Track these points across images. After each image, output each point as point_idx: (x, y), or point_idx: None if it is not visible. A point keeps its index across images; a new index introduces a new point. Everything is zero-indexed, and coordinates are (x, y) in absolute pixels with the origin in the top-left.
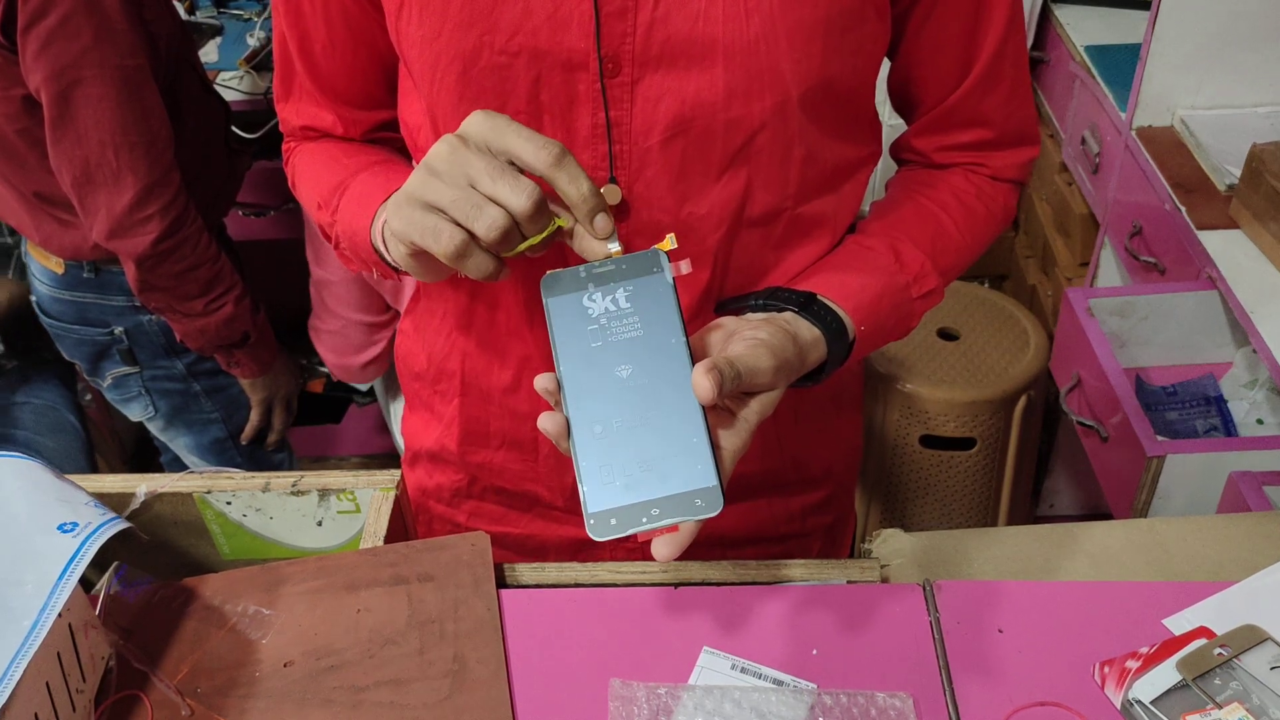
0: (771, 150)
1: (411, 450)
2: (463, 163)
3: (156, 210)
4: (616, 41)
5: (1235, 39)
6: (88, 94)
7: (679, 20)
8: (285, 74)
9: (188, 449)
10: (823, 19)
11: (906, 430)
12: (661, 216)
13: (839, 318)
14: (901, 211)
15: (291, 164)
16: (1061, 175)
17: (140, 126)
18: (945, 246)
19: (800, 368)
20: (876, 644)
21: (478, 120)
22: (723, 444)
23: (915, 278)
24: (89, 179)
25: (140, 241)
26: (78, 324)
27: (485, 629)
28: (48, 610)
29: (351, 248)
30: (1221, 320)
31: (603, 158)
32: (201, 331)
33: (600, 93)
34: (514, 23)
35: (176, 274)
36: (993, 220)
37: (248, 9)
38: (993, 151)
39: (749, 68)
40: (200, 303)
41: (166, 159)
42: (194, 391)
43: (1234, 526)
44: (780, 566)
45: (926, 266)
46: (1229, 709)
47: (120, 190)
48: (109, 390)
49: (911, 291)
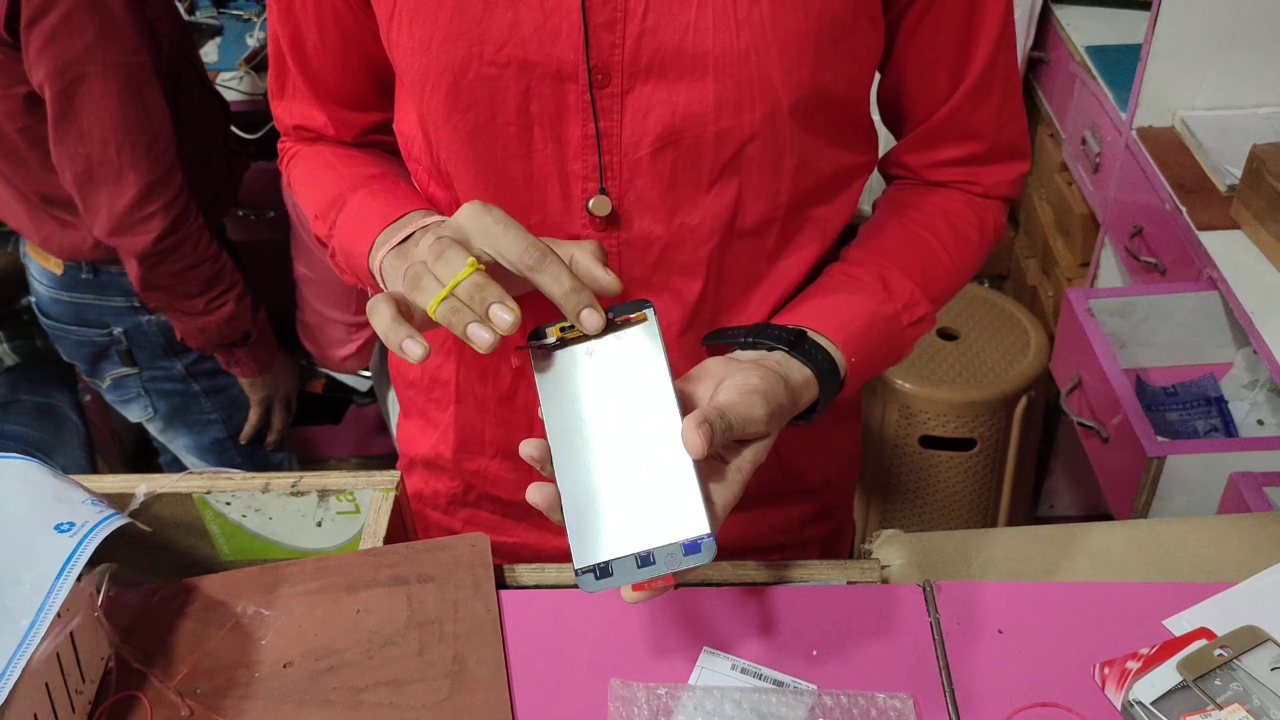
0: (763, 160)
1: (407, 457)
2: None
3: (159, 208)
4: (606, 52)
5: (1235, 39)
6: (91, 90)
7: (668, 31)
8: (279, 72)
9: (187, 450)
10: (814, 29)
11: (906, 431)
12: (653, 227)
13: (830, 356)
14: (889, 237)
15: (288, 168)
16: (1062, 175)
17: (143, 124)
18: (935, 273)
19: (792, 409)
20: (876, 645)
21: (468, 215)
22: (715, 498)
23: (905, 305)
24: (91, 176)
25: (142, 239)
26: (76, 325)
27: (485, 630)
28: (45, 610)
29: (349, 266)
30: (1222, 321)
31: (593, 169)
32: (203, 330)
33: (590, 104)
34: (503, 34)
35: (177, 272)
36: (984, 241)
37: (248, 9)
38: (983, 167)
39: (739, 79)
40: (201, 301)
41: (169, 157)
42: (193, 392)
43: (1234, 527)
44: (780, 567)
45: (916, 294)
46: (1229, 710)
47: (123, 187)
48: (108, 391)
49: (902, 319)
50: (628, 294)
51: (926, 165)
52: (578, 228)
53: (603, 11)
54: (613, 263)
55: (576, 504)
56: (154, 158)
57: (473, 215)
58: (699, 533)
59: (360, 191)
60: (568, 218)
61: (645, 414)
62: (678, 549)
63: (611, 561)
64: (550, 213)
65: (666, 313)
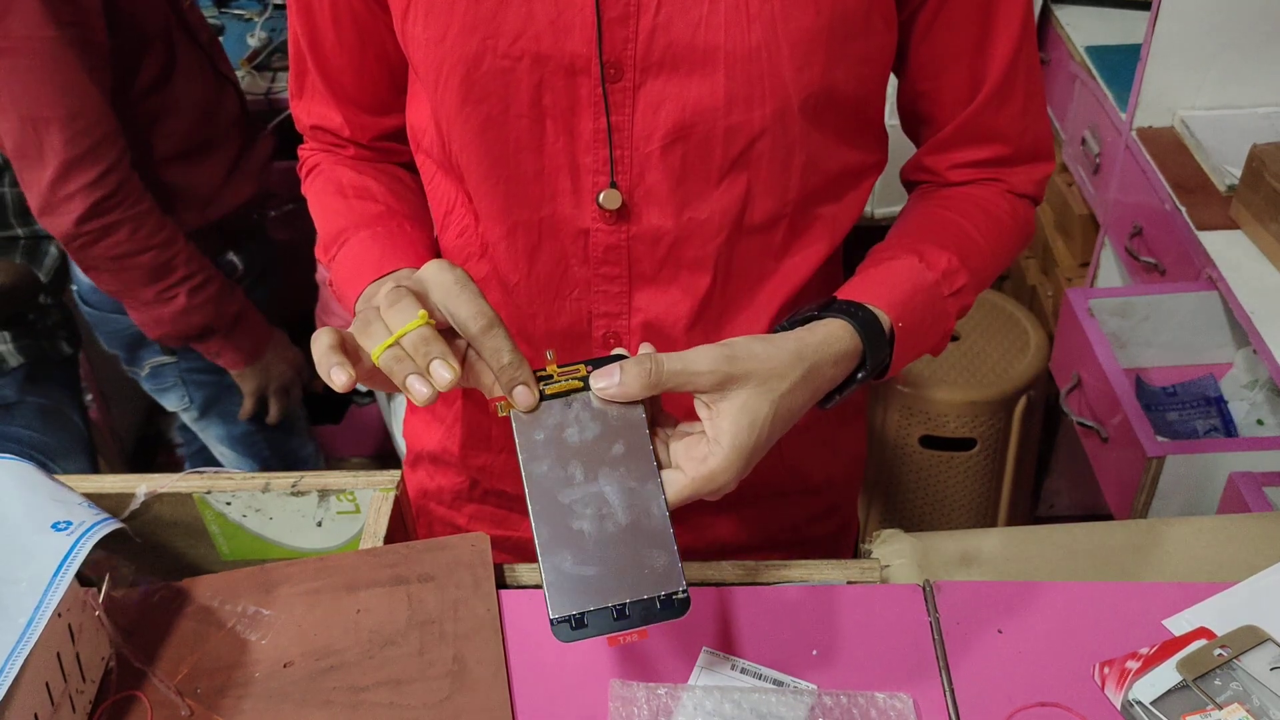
0: (772, 156)
1: (413, 452)
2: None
3: (79, 188)
4: (619, 47)
5: (1235, 39)
6: (1, 66)
7: (681, 26)
8: (299, 71)
9: (218, 440)
10: (825, 27)
11: (907, 430)
12: (662, 222)
13: (872, 314)
14: (917, 222)
15: (307, 182)
16: (1062, 176)
17: (56, 101)
18: (971, 248)
19: (806, 372)
20: (876, 644)
21: (431, 270)
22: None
23: (944, 274)
24: (21, 154)
25: (63, 220)
26: (115, 313)
27: (485, 629)
28: (43, 607)
29: (341, 302)
30: (1221, 321)
31: (604, 162)
32: (156, 321)
33: (602, 98)
34: (517, 27)
35: (114, 258)
36: (1017, 227)
37: (248, 9)
38: (1008, 168)
39: (750, 74)
40: (150, 291)
41: (93, 135)
42: (228, 383)
43: (1234, 527)
44: (780, 567)
45: (954, 262)
46: (1229, 710)
47: (43, 166)
48: (146, 380)
49: (942, 289)
50: (637, 290)
51: (950, 167)
52: (587, 221)
53: (616, 6)
54: (623, 257)
55: (553, 554)
56: (70, 135)
57: (435, 271)
58: (674, 588)
59: (363, 232)
60: (578, 211)
61: (623, 467)
62: (653, 604)
63: (586, 613)
64: (560, 206)
65: (674, 307)
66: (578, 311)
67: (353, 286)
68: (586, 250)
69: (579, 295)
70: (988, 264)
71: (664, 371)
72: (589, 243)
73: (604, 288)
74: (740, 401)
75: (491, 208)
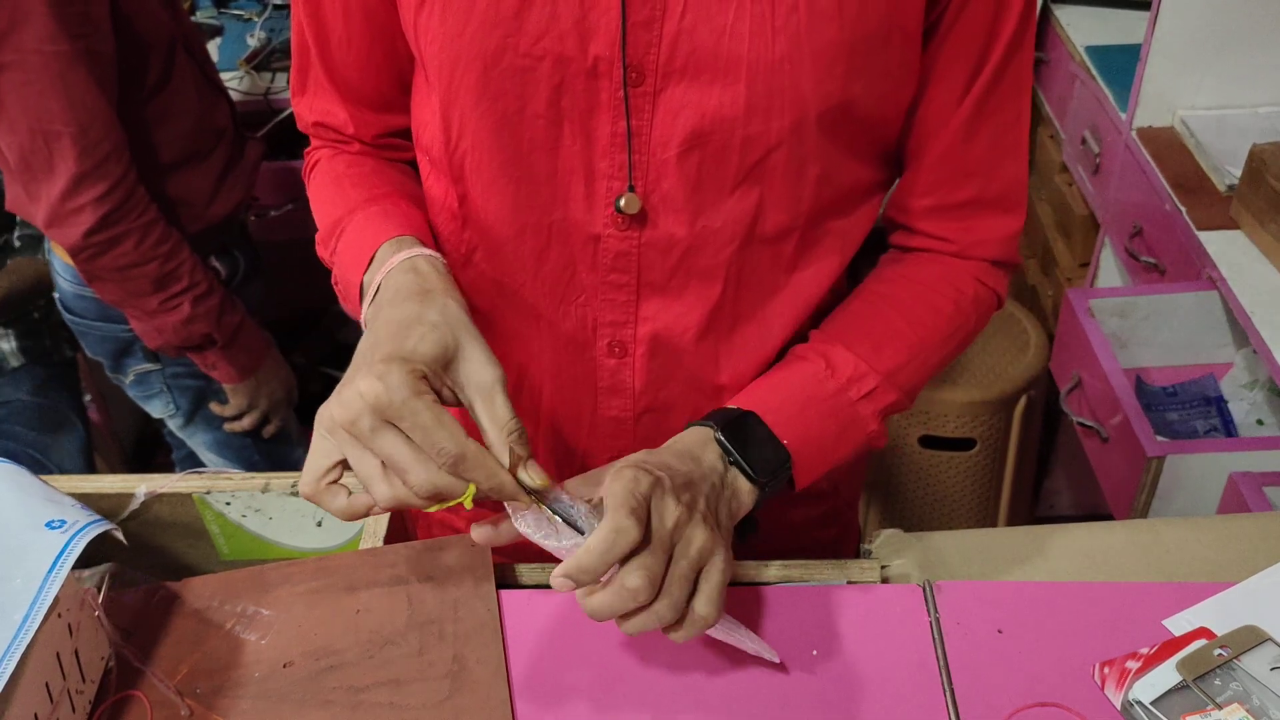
0: (786, 168)
1: None
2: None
3: (88, 201)
4: (641, 51)
5: (1235, 39)
6: (12, 80)
7: (705, 34)
8: (301, 67)
9: (206, 446)
10: (848, 41)
11: (906, 430)
12: (675, 229)
13: (762, 436)
14: (846, 312)
15: (308, 182)
16: (1061, 176)
17: (67, 114)
18: (891, 346)
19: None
20: (876, 644)
21: (474, 369)
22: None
23: (849, 380)
24: (27, 166)
25: (72, 232)
26: (100, 320)
27: (485, 630)
28: (38, 604)
29: (347, 300)
30: (1221, 321)
31: (620, 166)
32: (158, 331)
33: (622, 101)
34: (540, 27)
35: (120, 268)
36: (960, 312)
37: (248, 9)
38: (976, 216)
39: (771, 86)
40: (154, 300)
41: (103, 149)
42: (215, 389)
43: (1234, 527)
44: (780, 567)
45: (861, 368)
46: (1229, 710)
47: (53, 179)
48: (131, 387)
49: (849, 395)
50: (644, 300)
51: (920, 213)
52: (599, 226)
53: (642, 10)
54: (632, 264)
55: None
56: (82, 149)
57: (478, 369)
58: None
59: (358, 215)
60: (590, 215)
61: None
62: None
63: None
64: (573, 209)
65: (683, 317)
66: (582, 319)
67: (354, 271)
68: (595, 256)
69: (584, 301)
70: (919, 357)
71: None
72: (599, 248)
73: (610, 295)
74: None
75: (500, 209)
